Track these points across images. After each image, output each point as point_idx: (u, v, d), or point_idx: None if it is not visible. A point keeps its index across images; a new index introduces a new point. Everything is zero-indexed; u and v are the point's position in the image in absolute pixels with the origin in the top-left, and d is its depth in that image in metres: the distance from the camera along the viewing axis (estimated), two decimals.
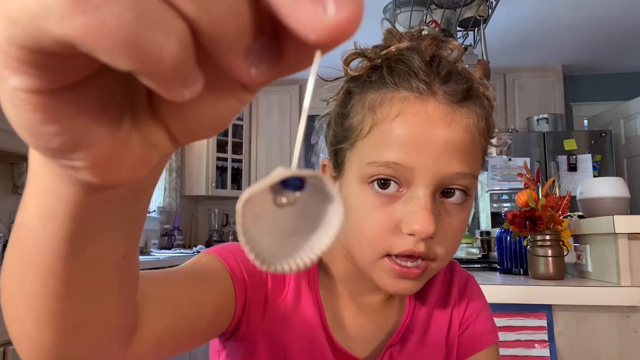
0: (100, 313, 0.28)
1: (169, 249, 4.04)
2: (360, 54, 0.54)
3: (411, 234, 0.48)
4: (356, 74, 0.54)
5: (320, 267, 0.59)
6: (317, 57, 0.17)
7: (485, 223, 3.76)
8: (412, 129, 0.47)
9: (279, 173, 0.18)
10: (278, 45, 0.17)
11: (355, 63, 0.55)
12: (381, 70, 0.51)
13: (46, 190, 0.22)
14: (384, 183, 0.49)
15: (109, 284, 0.27)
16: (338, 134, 0.54)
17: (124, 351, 0.33)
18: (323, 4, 0.14)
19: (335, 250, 0.58)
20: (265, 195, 0.19)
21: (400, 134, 0.47)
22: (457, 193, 0.50)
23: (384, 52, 0.52)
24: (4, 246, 2.15)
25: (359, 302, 0.59)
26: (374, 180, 0.49)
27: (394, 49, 0.51)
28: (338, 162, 0.55)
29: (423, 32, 0.54)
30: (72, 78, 0.16)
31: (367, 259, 0.51)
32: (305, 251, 0.19)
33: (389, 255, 0.50)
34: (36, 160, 0.21)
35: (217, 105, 0.19)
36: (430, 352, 0.59)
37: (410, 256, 0.49)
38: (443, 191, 0.50)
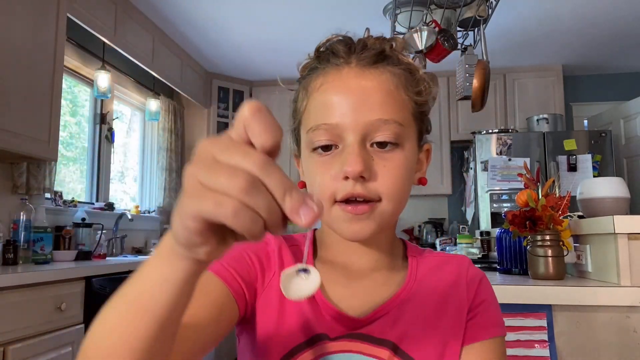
0: (161, 352, 0.40)
1: None
2: (312, 61, 0.64)
3: (346, 177, 0.55)
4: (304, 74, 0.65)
5: (320, 244, 0.67)
6: (309, 236, 0.54)
7: (485, 223, 3.76)
8: (331, 92, 0.58)
9: (300, 266, 0.42)
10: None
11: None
12: (313, 61, 0.62)
13: (169, 265, 0.36)
14: (326, 147, 0.58)
15: (175, 330, 0.41)
16: (293, 122, 0.65)
17: None
18: (302, 214, 0.32)
19: (325, 227, 0.66)
20: (292, 271, 0.42)
21: (323, 99, 0.58)
22: (389, 144, 0.57)
23: (318, 46, 0.63)
24: (4, 246, 2.15)
25: (356, 275, 0.64)
26: (317, 147, 0.58)
27: (324, 41, 0.62)
28: (297, 145, 0.65)
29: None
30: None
31: (325, 208, 0.57)
32: (303, 291, 0.42)
33: (337, 202, 0.57)
34: (166, 250, 0.36)
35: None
36: (431, 326, 0.60)
37: (355, 201, 0.56)
38: (377, 143, 0.57)
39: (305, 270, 0.42)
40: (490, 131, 3.87)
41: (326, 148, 0.57)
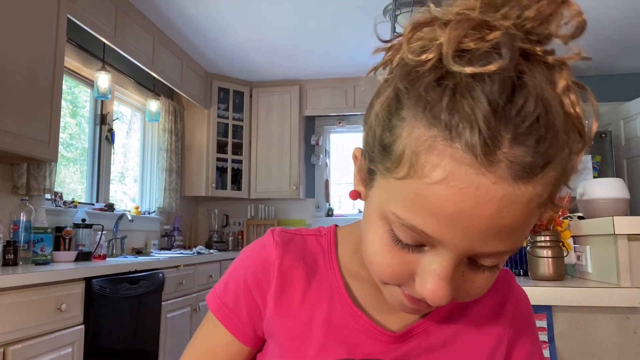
0: None
1: (169, 249, 4.04)
2: (424, 24, 0.38)
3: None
4: (413, 61, 0.38)
5: (344, 246, 0.57)
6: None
7: None
8: (451, 204, 0.37)
9: None
10: None
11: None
12: (444, 93, 0.36)
13: None
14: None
15: None
16: (375, 146, 0.43)
17: None
18: None
19: (357, 229, 0.56)
20: None
21: (436, 203, 0.37)
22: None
23: (456, 67, 0.35)
24: (4, 246, 2.15)
25: None
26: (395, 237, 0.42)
27: (467, 68, 0.35)
28: (370, 171, 0.45)
29: None
30: None
31: (376, 280, 0.48)
32: None
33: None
34: None
35: None
36: (463, 358, 0.54)
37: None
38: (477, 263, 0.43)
39: None
40: None
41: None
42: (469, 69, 0.35)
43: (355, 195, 0.49)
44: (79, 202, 3.07)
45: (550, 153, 0.36)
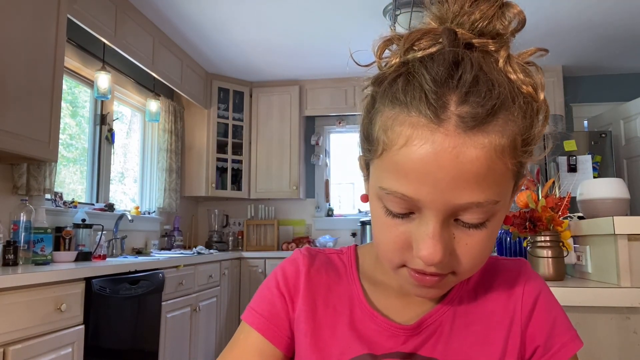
0: None
1: (169, 249, 4.04)
2: (389, 41, 0.50)
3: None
4: (382, 69, 0.50)
5: (363, 260, 0.64)
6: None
7: None
8: (416, 162, 0.44)
9: None
10: None
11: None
12: (399, 80, 0.47)
13: None
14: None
15: None
16: (363, 140, 0.53)
17: None
18: None
19: (369, 246, 0.64)
20: None
21: (405, 165, 0.45)
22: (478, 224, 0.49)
23: (410, 56, 0.47)
24: (4, 246, 2.15)
25: (398, 293, 0.60)
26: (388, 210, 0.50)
27: (419, 53, 0.46)
28: (367, 163, 0.53)
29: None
30: None
31: (388, 266, 0.53)
32: None
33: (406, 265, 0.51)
34: None
35: None
36: (479, 343, 0.56)
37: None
38: (463, 222, 0.48)
39: None
40: None
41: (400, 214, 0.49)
42: (418, 54, 0.46)
43: (365, 198, 0.56)
44: (79, 202, 3.07)
45: (494, 105, 0.43)
